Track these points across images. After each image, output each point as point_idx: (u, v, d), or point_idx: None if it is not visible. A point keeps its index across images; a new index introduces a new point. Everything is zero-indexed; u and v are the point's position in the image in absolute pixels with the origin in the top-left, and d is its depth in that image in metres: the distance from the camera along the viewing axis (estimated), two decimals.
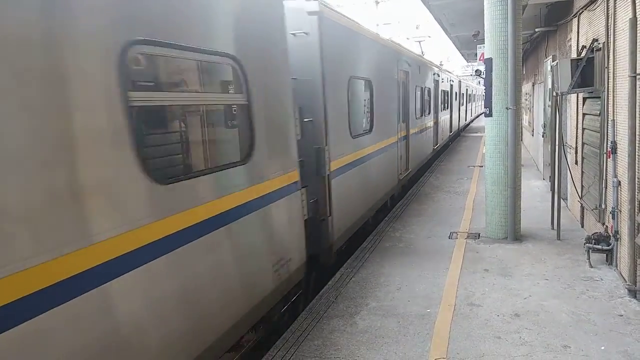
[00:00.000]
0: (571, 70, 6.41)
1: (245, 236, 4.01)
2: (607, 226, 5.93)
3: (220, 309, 3.62)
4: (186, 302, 3.22)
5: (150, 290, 2.90)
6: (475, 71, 24.78)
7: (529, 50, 15.63)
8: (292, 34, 5.30)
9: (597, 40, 6.24)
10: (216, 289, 3.59)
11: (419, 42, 26.72)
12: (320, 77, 5.81)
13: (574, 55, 7.59)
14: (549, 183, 9.42)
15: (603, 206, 6.08)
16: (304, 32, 5.57)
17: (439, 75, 16.41)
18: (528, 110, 16.07)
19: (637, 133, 4.81)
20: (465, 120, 31.16)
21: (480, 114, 42.16)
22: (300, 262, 5.05)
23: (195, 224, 3.29)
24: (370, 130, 8.00)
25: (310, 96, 5.69)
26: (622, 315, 4.67)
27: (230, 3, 3.90)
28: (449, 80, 19.88)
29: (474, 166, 14.73)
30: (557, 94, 7.14)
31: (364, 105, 7.88)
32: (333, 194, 6.10)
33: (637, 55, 4.73)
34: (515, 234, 7.13)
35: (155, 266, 2.92)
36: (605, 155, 5.93)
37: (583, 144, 7.25)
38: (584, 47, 6.79)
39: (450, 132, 21.01)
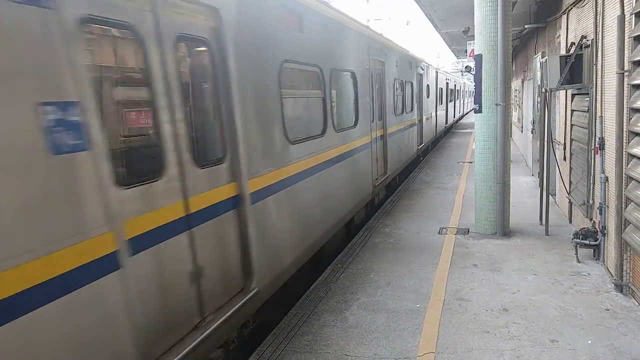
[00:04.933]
0: (560, 66, 6.45)
1: (359, 163, 7.69)
2: (594, 222, 5.99)
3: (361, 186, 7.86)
4: (353, 178, 7.40)
5: (342, 170, 6.79)
6: (465, 67, 25.07)
7: (519, 47, 15.71)
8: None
9: (585, 37, 6.28)
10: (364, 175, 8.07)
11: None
12: (383, 84, 9.51)
13: (563, 52, 7.63)
14: (538, 179, 9.49)
15: (591, 202, 6.14)
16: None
17: (437, 75, 19.50)
18: (517, 107, 16.16)
19: (624, 129, 4.85)
20: (460, 113, 35.53)
21: (469, 111, 42.58)
22: (372, 187, 8.58)
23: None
24: (402, 113, 11.42)
25: (375, 92, 8.88)
26: (608, 310, 4.72)
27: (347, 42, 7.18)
28: (446, 80, 23.70)
29: (464, 162, 14.80)
30: (546, 90, 7.19)
31: (400, 97, 11.38)
32: (388, 152, 9.82)
33: (625, 52, 4.77)
34: (504, 230, 7.18)
35: (346, 161, 6.95)
36: (593, 151, 5.98)
37: (571, 140, 7.31)
38: (572, 43, 6.83)
39: (447, 123, 24.38)
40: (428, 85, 16.53)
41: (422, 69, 14.85)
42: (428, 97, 16.64)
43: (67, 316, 2.40)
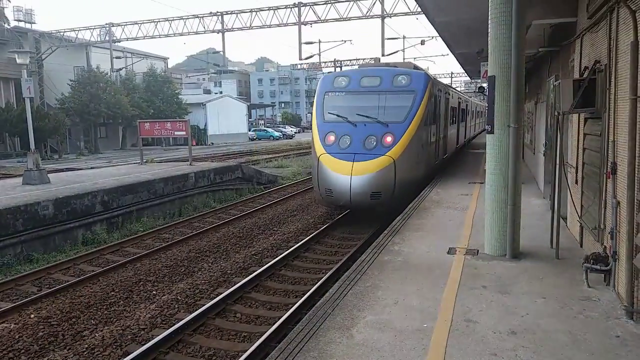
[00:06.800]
0: (573, 90, 6.46)
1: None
2: (605, 246, 5.94)
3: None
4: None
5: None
6: (479, 88, 25.69)
7: (533, 69, 15.74)
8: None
9: (599, 61, 6.30)
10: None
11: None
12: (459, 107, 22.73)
13: (576, 75, 7.65)
14: (549, 202, 9.43)
15: (602, 226, 6.10)
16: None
17: (462, 100, 25.92)
18: (530, 129, 16.13)
19: (636, 154, 4.84)
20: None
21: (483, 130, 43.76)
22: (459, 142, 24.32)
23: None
24: (455, 123, 20.64)
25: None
26: (618, 337, 4.66)
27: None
28: (473, 103, 32.86)
29: (475, 182, 14.73)
30: (558, 113, 7.19)
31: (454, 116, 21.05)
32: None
33: (638, 77, 4.78)
34: (514, 252, 7.13)
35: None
36: (605, 175, 5.95)
37: (583, 163, 7.28)
38: (586, 68, 6.85)
39: (472, 132, 33.12)
40: (462, 108, 23.97)
41: (460, 98, 22.98)
42: (461, 114, 24.44)
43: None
